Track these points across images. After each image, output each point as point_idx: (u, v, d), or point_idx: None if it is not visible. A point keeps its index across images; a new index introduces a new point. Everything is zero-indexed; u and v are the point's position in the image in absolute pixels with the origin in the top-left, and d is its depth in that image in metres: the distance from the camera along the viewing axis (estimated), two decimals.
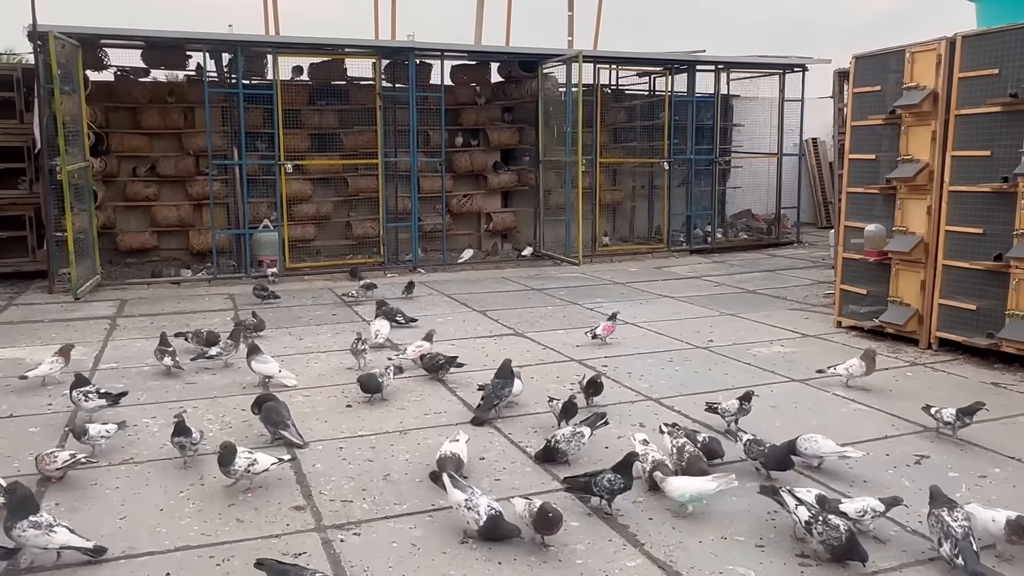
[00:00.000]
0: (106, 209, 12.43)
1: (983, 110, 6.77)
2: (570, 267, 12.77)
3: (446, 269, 12.60)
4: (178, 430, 4.70)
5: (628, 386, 6.27)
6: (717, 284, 11.13)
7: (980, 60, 6.80)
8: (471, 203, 14.50)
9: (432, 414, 5.66)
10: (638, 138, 15.61)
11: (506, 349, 7.51)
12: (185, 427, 4.71)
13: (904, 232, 7.47)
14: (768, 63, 15.25)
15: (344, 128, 13.64)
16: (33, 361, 7.08)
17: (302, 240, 13.02)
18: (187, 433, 4.69)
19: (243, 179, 11.88)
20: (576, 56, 12.66)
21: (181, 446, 4.68)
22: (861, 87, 7.99)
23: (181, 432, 4.69)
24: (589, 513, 4.11)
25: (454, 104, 14.29)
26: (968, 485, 4.38)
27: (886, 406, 5.76)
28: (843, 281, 8.30)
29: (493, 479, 4.53)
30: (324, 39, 12.23)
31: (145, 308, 9.48)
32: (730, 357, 7.17)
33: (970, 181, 6.92)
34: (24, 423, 5.50)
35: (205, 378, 6.57)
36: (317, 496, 4.32)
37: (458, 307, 9.55)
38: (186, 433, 4.69)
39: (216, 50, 11.96)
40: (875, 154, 7.88)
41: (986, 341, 6.77)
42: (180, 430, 4.70)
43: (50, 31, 9.71)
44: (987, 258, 6.78)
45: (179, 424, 4.72)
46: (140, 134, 13.00)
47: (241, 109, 11.46)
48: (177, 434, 4.69)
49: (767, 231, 15.87)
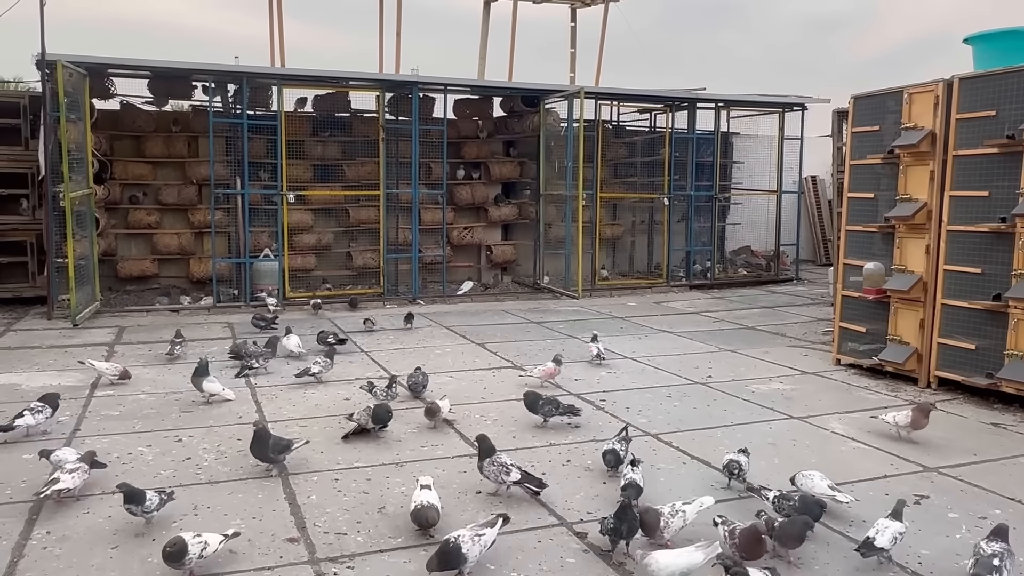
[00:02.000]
0: (107, 236, 12.47)
1: (981, 151, 6.82)
2: (569, 300, 12.78)
3: (445, 301, 12.61)
4: (127, 498, 4.16)
5: (626, 421, 6.23)
6: (716, 320, 11.13)
7: (977, 102, 6.87)
8: (472, 235, 14.55)
9: (429, 446, 5.62)
10: (638, 173, 15.72)
11: (504, 382, 7.49)
12: (135, 494, 4.18)
13: (903, 271, 7.50)
14: (768, 101, 15.41)
15: (346, 159, 13.75)
16: (29, 387, 7.07)
17: (302, 270, 13.05)
18: (138, 500, 4.17)
19: (245, 208, 11.93)
20: (578, 92, 12.80)
21: (132, 513, 4.18)
22: (860, 127, 8.07)
23: (131, 499, 4.16)
24: (585, 550, 4.07)
25: (456, 137, 14.42)
26: (968, 526, 4.34)
27: (885, 445, 5.73)
28: (842, 319, 8.30)
29: (489, 513, 4.49)
30: (329, 72, 12.37)
31: (143, 335, 9.47)
32: (729, 393, 7.15)
33: (968, 221, 6.96)
34: (17, 449, 5.46)
35: (202, 407, 6.53)
36: (311, 528, 4.28)
37: (457, 339, 9.54)
38: (137, 500, 4.17)
39: (222, 81, 12.08)
40: (874, 193, 7.93)
41: (985, 381, 6.75)
42: (129, 498, 4.17)
43: (58, 60, 9.82)
44: (986, 298, 6.79)
45: (127, 493, 4.17)
46: (144, 162, 13.08)
47: (245, 139, 11.57)
48: (128, 502, 4.16)
49: (766, 267, 15.91)
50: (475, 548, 3.70)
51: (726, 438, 5.85)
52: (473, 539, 3.71)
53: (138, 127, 13.03)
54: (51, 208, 10.46)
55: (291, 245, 12.39)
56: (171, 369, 7.83)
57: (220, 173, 12.19)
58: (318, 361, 7.40)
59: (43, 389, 6.97)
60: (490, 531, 3.83)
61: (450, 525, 4.22)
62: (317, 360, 7.43)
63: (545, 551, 4.05)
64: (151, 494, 4.22)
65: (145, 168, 13.11)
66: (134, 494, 4.18)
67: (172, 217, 13.29)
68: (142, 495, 4.19)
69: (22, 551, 3.97)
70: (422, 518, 4.09)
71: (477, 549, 3.71)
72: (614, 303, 12.65)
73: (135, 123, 13.01)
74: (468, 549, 3.67)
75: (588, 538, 4.18)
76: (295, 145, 12.40)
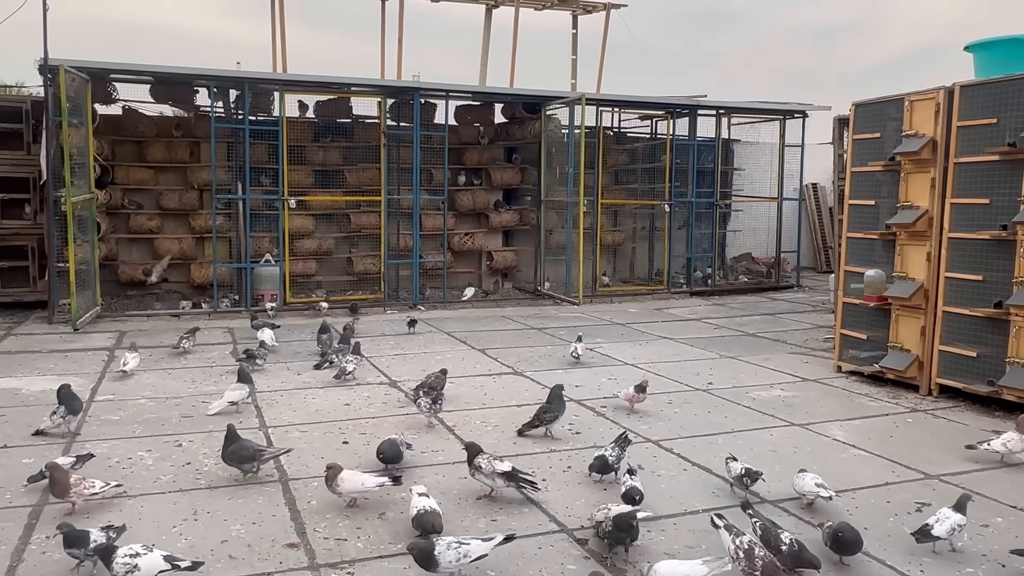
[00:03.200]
0: (108, 241, 12.48)
1: (982, 158, 6.83)
2: (570, 307, 12.78)
3: (446, 307, 12.60)
4: (67, 541, 3.75)
5: (627, 427, 6.22)
6: (717, 327, 11.12)
7: (978, 109, 6.89)
8: (472, 241, 14.56)
9: (429, 452, 5.61)
10: (639, 180, 15.74)
11: (505, 388, 7.48)
12: (75, 536, 3.77)
13: (904, 278, 7.49)
14: (769, 109, 15.43)
15: (348, 165, 13.76)
16: (29, 392, 7.07)
17: (303, 275, 13.06)
18: (81, 543, 3.75)
19: (246, 213, 11.94)
20: (579, 98, 12.82)
21: (75, 557, 3.78)
22: (861, 134, 8.08)
23: (72, 543, 3.75)
24: (586, 556, 4.06)
25: (457, 143, 14.43)
26: (970, 534, 4.32)
27: (886, 452, 5.72)
28: (843, 326, 8.29)
29: (490, 520, 4.49)
30: (330, 77, 12.39)
31: (144, 340, 9.46)
32: (730, 400, 7.14)
33: (969, 228, 6.96)
34: (18, 454, 5.46)
35: (202, 411, 6.52)
36: (311, 533, 4.27)
37: (457, 345, 9.54)
38: (80, 543, 3.75)
39: (224, 86, 12.11)
40: (875, 200, 7.94)
41: (987, 388, 6.74)
42: (70, 540, 3.75)
43: (61, 65, 9.84)
44: (987, 305, 6.79)
45: (67, 535, 3.77)
46: (145, 167, 13.09)
47: (247, 144, 11.58)
48: (68, 545, 3.75)
49: (767, 274, 15.91)
50: (449, 554, 3.61)
51: (727, 445, 5.84)
52: (450, 546, 3.64)
53: (140, 132, 13.05)
54: (52, 213, 10.49)
55: (292, 250, 12.39)
56: (171, 374, 7.83)
57: (221, 178, 12.22)
58: (350, 359, 7.67)
59: (43, 393, 6.99)
60: (476, 543, 3.70)
61: (451, 532, 4.21)
62: (350, 359, 7.69)
63: (545, 558, 4.04)
64: (96, 534, 3.81)
65: (147, 173, 13.12)
66: (75, 537, 3.76)
67: (173, 222, 13.29)
68: (85, 537, 3.76)
69: (21, 555, 3.96)
70: (426, 523, 4.06)
71: (452, 556, 3.61)
72: (615, 309, 12.65)
73: (137, 128, 13.03)
74: (440, 553, 3.60)
75: (589, 544, 4.17)
76: (296, 150, 12.42)
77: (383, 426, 6.16)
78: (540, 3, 16.19)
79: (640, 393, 6.66)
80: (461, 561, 3.64)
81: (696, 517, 4.54)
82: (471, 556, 3.66)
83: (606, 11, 16.33)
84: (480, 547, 3.70)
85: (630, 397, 6.69)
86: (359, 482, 4.57)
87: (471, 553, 3.66)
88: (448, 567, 3.63)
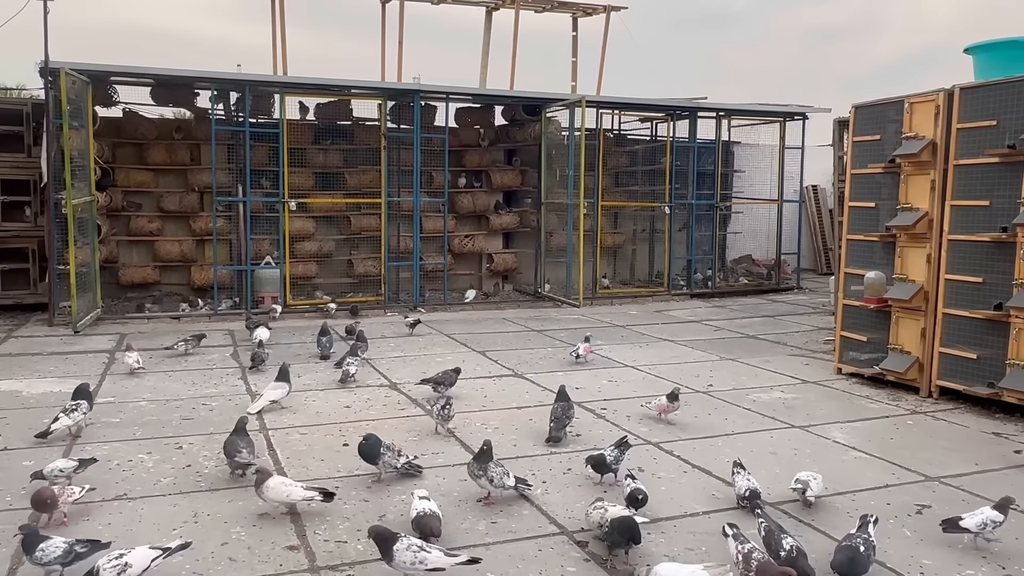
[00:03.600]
0: (109, 243, 12.49)
1: (982, 160, 6.83)
2: (570, 309, 12.78)
3: (446, 309, 12.61)
4: (24, 545, 3.68)
5: (627, 429, 6.22)
6: (717, 328, 11.12)
7: (978, 111, 6.89)
8: (473, 243, 14.56)
9: (430, 454, 5.61)
10: (639, 182, 15.75)
11: (505, 390, 7.48)
12: (31, 542, 3.67)
13: (904, 280, 7.49)
14: (769, 111, 15.44)
15: (348, 167, 13.76)
16: (30, 394, 7.07)
17: (303, 277, 13.06)
18: (29, 548, 3.65)
19: (247, 216, 11.95)
20: (579, 100, 12.83)
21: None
22: (861, 136, 8.09)
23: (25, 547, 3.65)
24: (586, 559, 4.06)
25: (458, 146, 14.44)
26: (971, 537, 4.32)
27: (886, 454, 5.72)
28: (843, 328, 8.29)
29: (490, 522, 4.49)
30: (331, 80, 12.40)
31: (144, 342, 9.46)
32: (730, 402, 7.14)
33: (969, 230, 6.96)
34: (18, 456, 5.46)
35: (203, 414, 6.53)
36: (311, 536, 4.27)
37: (458, 347, 9.54)
38: (28, 548, 3.64)
39: (224, 89, 12.12)
40: (875, 202, 7.94)
41: (987, 390, 6.74)
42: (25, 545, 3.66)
43: (61, 67, 9.86)
44: (987, 307, 6.79)
45: (24, 538, 3.70)
46: (146, 169, 13.10)
47: (247, 147, 11.59)
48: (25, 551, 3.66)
49: (767, 276, 15.91)
50: (407, 554, 3.58)
51: (727, 447, 5.84)
52: (411, 547, 3.62)
53: (140, 135, 13.06)
54: (53, 215, 10.50)
55: (292, 252, 12.40)
56: (172, 376, 7.83)
57: (222, 180, 12.23)
58: (351, 361, 7.74)
59: (43, 396, 7.00)
60: (437, 555, 3.63)
61: (451, 534, 4.22)
62: (350, 361, 7.76)
63: (546, 560, 4.04)
64: (53, 546, 3.63)
65: (147, 175, 13.13)
66: (30, 542, 3.61)
67: (174, 224, 13.30)
68: (34, 543, 3.61)
69: (21, 558, 3.95)
70: (424, 527, 4.03)
71: (408, 557, 3.58)
72: (615, 311, 12.65)
73: (137, 130, 13.04)
74: (399, 549, 3.60)
75: (589, 547, 4.17)
76: (297, 153, 12.43)
77: (383, 428, 6.15)
78: (540, 5, 16.21)
79: (673, 402, 6.39)
80: (416, 566, 3.60)
81: (696, 519, 4.54)
82: (427, 565, 3.61)
83: (606, 13, 16.34)
84: (439, 560, 3.64)
85: (663, 408, 6.41)
86: (285, 493, 4.44)
87: (427, 562, 3.61)
88: (401, 565, 3.62)
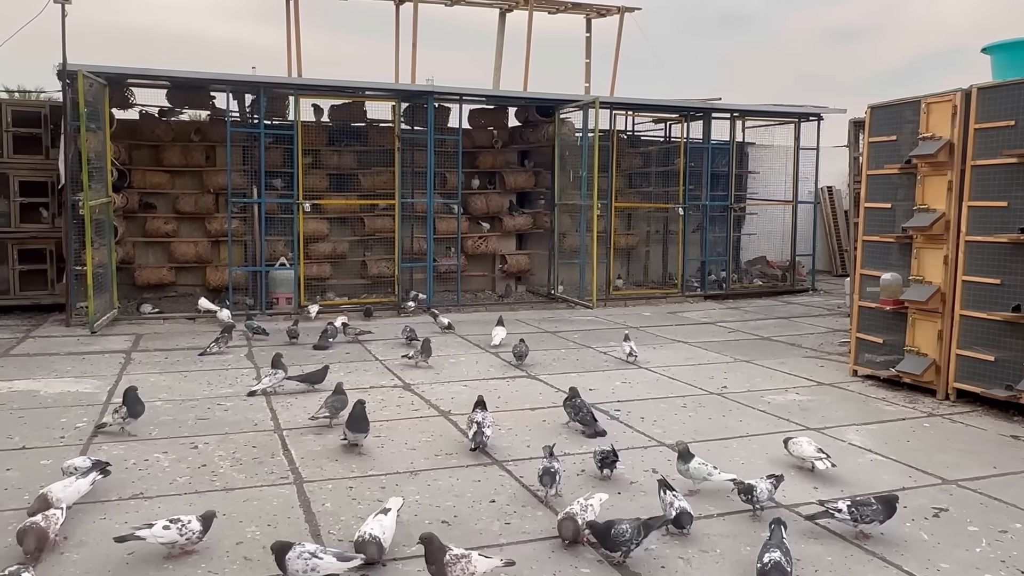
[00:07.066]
0: (125, 244, 12.59)
1: (999, 161, 6.77)
2: (584, 310, 12.76)
3: (460, 310, 12.62)
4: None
5: (641, 431, 6.21)
6: (731, 330, 11.08)
7: (996, 112, 6.83)
8: (486, 245, 14.58)
9: (443, 455, 5.62)
10: (653, 183, 15.70)
11: (518, 391, 7.48)
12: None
13: (920, 281, 7.44)
14: (783, 112, 15.36)
15: (362, 169, 13.81)
16: (47, 393, 7.14)
17: (318, 278, 13.12)
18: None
19: (261, 217, 12.01)
20: (592, 102, 12.81)
21: None
22: (876, 136, 8.03)
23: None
24: (600, 559, 4.06)
25: (471, 147, 14.46)
26: (988, 540, 4.29)
27: (903, 457, 5.67)
28: (859, 329, 8.24)
29: (503, 523, 4.49)
30: (345, 82, 12.45)
31: (160, 343, 9.53)
32: (744, 404, 7.10)
33: (987, 231, 6.90)
34: (36, 455, 5.51)
35: (217, 414, 6.57)
36: (326, 536, 4.28)
37: (471, 348, 9.55)
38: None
39: (239, 91, 12.19)
40: (891, 203, 7.89)
41: (1005, 393, 6.67)
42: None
43: (79, 70, 9.95)
44: (1005, 309, 6.72)
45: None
46: (162, 171, 13.20)
47: (262, 148, 11.66)
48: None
49: (782, 278, 15.82)
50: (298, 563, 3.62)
51: (742, 449, 5.82)
52: (302, 555, 3.63)
53: (157, 136, 13.16)
54: (70, 216, 10.60)
55: (307, 254, 12.45)
56: (187, 376, 7.88)
57: (237, 182, 12.30)
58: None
59: (61, 395, 7.06)
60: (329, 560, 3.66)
61: (465, 535, 4.23)
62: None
63: (559, 560, 4.03)
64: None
65: (163, 177, 13.23)
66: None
67: (189, 225, 13.40)
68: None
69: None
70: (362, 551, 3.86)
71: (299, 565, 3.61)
72: (628, 313, 12.62)
73: (154, 132, 13.15)
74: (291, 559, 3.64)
75: (602, 548, 4.16)
76: (311, 154, 12.48)
77: (396, 429, 6.17)
78: (554, 7, 16.20)
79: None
80: (308, 574, 3.62)
81: (710, 521, 4.52)
82: (319, 571, 3.63)
83: (620, 15, 16.31)
84: (331, 565, 3.66)
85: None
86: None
87: (319, 568, 3.63)
88: (294, 574, 3.64)
